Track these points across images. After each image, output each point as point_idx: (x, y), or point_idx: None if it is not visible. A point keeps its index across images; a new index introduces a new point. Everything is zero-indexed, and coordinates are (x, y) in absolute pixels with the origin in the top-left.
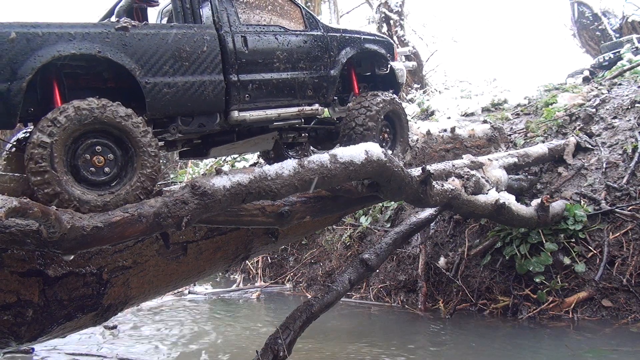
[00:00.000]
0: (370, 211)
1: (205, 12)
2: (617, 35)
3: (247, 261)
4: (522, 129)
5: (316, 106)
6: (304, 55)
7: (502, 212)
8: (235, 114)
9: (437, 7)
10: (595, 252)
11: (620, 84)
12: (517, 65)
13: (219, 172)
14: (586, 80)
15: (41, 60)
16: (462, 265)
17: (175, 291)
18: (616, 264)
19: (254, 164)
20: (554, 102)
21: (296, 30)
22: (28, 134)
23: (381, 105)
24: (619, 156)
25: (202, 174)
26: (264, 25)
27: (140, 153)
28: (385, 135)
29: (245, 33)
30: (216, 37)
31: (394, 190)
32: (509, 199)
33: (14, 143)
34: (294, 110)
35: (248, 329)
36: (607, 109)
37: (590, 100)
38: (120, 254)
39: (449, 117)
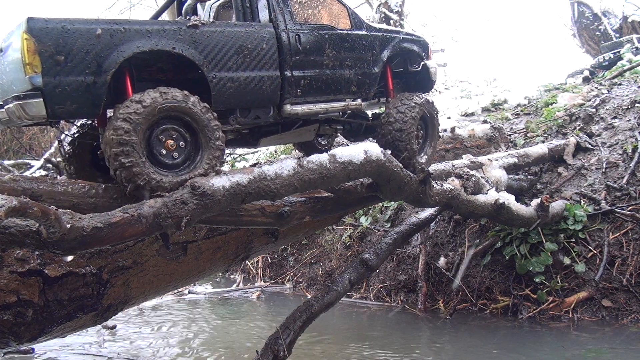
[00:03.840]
0: (370, 211)
1: (263, 11)
2: (617, 35)
3: (247, 261)
4: (522, 129)
5: (359, 101)
6: (350, 53)
7: (502, 212)
8: (288, 107)
9: (437, 7)
10: (595, 252)
11: (620, 84)
12: (517, 65)
13: (218, 172)
14: (586, 80)
15: (123, 55)
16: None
17: (175, 291)
18: (616, 264)
19: (254, 164)
20: (554, 102)
21: (343, 30)
22: (79, 132)
23: (418, 108)
24: (619, 156)
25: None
26: (315, 24)
27: (208, 138)
28: (419, 134)
29: (299, 31)
30: (274, 35)
31: (393, 190)
32: (508, 198)
33: (73, 137)
34: (340, 104)
35: (248, 329)
36: (607, 109)
37: (590, 100)
38: (120, 254)
39: (449, 117)
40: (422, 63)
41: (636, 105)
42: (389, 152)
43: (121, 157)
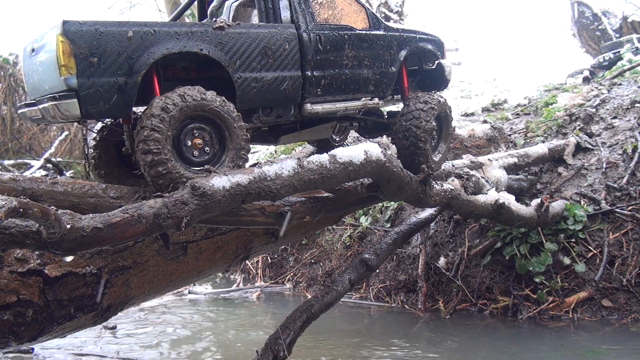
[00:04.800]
0: (370, 211)
1: (285, 11)
2: (617, 35)
3: (247, 261)
4: (522, 129)
5: (376, 100)
6: (369, 53)
7: (502, 212)
8: (309, 106)
9: (437, 7)
10: (595, 252)
11: (620, 84)
12: (517, 65)
13: (217, 172)
14: (586, 80)
15: (153, 56)
16: (462, 265)
17: (175, 291)
18: (616, 264)
19: (254, 165)
20: (554, 102)
21: (362, 30)
22: (102, 133)
23: (433, 107)
24: (619, 156)
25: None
26: (335, 24)
27: (234, 136)
28: (434, 133)
29: (320, 32)
30: (296, 36)
31: (393, 191)
32: (508, 198)
33: (99, 141)
34: (358, 103)
35: (248, 328)
36: (607, 109)
37: (590, 100)
38: (120, 254)
39: None
40: (437, 62)
41: (636, 105)
42: (389, 152)
43: (151, 155)
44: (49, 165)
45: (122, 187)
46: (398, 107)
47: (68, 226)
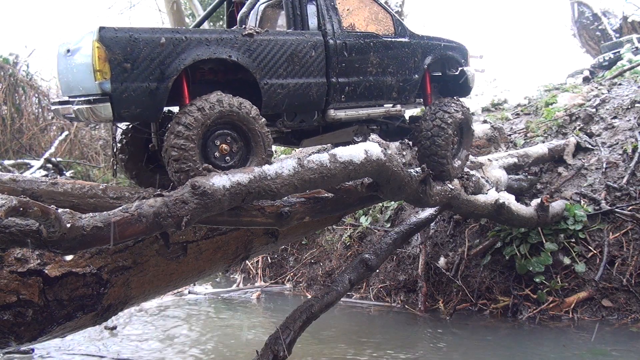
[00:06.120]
0: (370, 211)
1: (312, 18)
2: (617, 35)
3: (247, 261)
4: (522, 129)
5: (399, 107)
6: (393, 60)
7: (502, 212)
8: (332, 112)
9: (437, 7)
10: (595, 252)
11: (620, 84)
12: (517, 65)
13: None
14: (586, 80)
15: (184, 62)
16: (462, 265)
17: (175, 291)
18: (616, 264)
19: None
20: (554, 102)
21: (387, 37)
22: (127, 134)
23: (455, 114)
24: (619, 156)
25: None
26: (362, 32)
27: (259, 143)
28: (454, 140)
29: (346, 39)
30: (322, 43)
31: (393, 190)
32: (508, 198)
33: (125, 141)
34: (381, 110)
35: (248, 329)
36: (607, 109)
37: (590, 100)
38: (120, 254)
39: None
40: (460, 69)
41: (636, 105)
42: (389, 151)
43: (180, 161)
44: (49, 165)
45: (122, 187)
46: (419, 110)
47: (68, 225)
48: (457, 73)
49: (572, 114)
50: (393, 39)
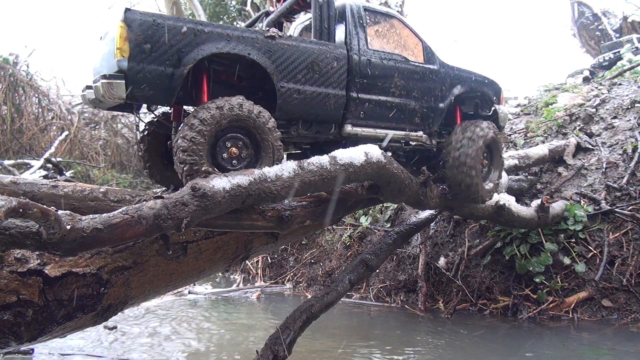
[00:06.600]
0: (370, 211)
1: (339, 33)
2: (617, 35)
3: (247, 261)
4: (522, 129)
5: (420, 133)
6: (418, 85)
7: (502, 213)
8: (349, 127)
9: (437, 7)
10: (595, 252)
11: (620, 84)
12: (517, 66)
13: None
14: (586, 80)
15: (202, 53)
16: (462, 265)
17: (175, 291)
18: (616, 264)
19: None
20: (554, 102)
21: (415, 62)
22: (150, 126)
23: (487, 132)
24: (619, 156)
25: None
26: (388, 52)
27: (270, 152)
28: (484, 162)
29: (370, 56)
30: (346, 56)
31: (394, 192)
32: (509, 200)
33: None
34: (400, 133)
35: (248, 329)
36: (607, 109)
37: (590, 100)
38: (120, 254)
39: None
40: (492, 108)
41: (636, 105)
42: (388, 153)
43: (186, 152)
44: (49, 166)
45: (123, 190)
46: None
47: (68, 227)
48: (489, 114)
49: (572, 114)
50: (420, 64)
